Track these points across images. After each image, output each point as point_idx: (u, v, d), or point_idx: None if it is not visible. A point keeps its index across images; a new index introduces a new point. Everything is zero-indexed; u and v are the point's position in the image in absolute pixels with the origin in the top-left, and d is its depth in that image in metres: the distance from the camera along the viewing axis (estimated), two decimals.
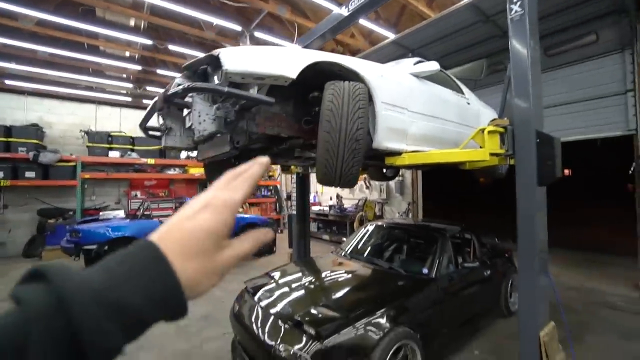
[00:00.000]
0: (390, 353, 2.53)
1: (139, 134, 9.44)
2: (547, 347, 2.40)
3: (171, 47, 7.73)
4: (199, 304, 4.99)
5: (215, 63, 1.86)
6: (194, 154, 3.30)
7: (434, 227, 4.16)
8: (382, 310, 2.71)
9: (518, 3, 2.42)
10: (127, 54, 8.07)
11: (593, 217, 8.09)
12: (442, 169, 4.21)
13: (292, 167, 4.67)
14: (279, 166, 7.31)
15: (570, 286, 5.51)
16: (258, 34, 7.05)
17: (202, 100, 1.99)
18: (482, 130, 2.60)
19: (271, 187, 12.15)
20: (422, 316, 2.96)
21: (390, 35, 6.39)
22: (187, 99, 1.96)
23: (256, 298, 3.18)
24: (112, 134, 9.44)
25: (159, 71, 9.29)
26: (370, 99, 2.34)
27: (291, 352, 2.42)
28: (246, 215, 8.40)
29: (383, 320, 2.64)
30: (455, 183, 9.16)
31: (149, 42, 7.46)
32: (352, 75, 2.35)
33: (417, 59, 3.39)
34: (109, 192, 9.49)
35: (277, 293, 3.23)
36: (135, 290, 0.34)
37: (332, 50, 8.36)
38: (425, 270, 3.42)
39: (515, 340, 2.61)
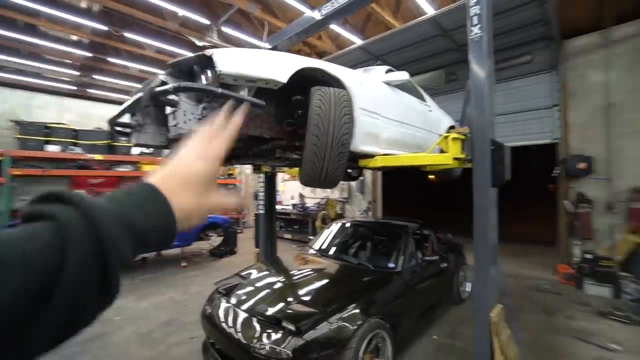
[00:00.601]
0: (365, 341, 2.71)
1: (84, 126, 8.62)
2: (496, 326, 2.76)
3: (128, 34, 7.11)
4: (161, 308, 4.76)
5: (205, 63, 1.85)
6: (150, 150, 3.15)
7: (396, 224, 4.47)
8: (356, 303, 2.88)
9: (478, 26, 2.74)
10: (74, 37, 7.24)
11: (524, 214, 9.30)
12: (401, 170, 4.54)
13: (262, 166, 4.65)
14: (242, 165, 7.19)
15: (507, 274, 6.26)
16: (226, 30, 6.81)
17: (188, 99, 1.96)
18: (447, 137, 2.90)
19: (231, 186, 11.81)
20: (391, 307, 3.19)
21: (357, 40, 6.65)
22: (173, 97, 1.92)
23: (230, 298, 3.16)
24: (50, 125, 8.41)
25: (111, 59, 8.48)
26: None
27: (271, 349, 2.48)
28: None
29: (357, 313, 2.81)
30: (413, 183, 9.82)
31: (102, 27, 6.78)
32: (333, 81, 2.47)
33: (387, 67, 3.62)
34: None
35: (251, 292, 3.24)
36: (142, 216, 0.43)
37: (299, 51, 8.41)
38: (391, 265, 3.68)
39: (467, 324, 2.97)
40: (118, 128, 2.70)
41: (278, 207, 10.84)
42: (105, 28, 6.85)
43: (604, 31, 5.88)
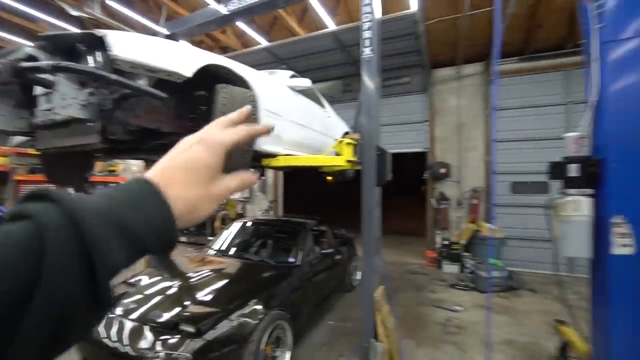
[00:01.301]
0: (267, 334, 2.82)
1: None
2: (379, 304, 3.28)
3: None
4: None
5: (94, 44, 1.64)
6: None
7: (296, 222, 4.74)
8: (257, 298, 2.97)
9: (369, 47, 3.19)
10: None
11: (403, 210, 11.08)
12: (301, 170, 4.86)
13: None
14: (131, 160, 6.33)
15: (389, 261, 7.35)
16: (112, 4, 5.80)
17: (69, 80, 1.70)
18: (341, 141, 3.28)
19: (112, 185, 10.09)
20: (291, 298, 3.40)
21: (263, 41, 6.70)
22: (47, 76, 1.63)
23: (116, 310, 2.81)
24: None
25: None
26: None
27: (166, 355, 2.35)
28: None
29: (259, 307, 2.90)
30: (312, 184, 10.44)
31: None
32: (238, 80, 2.50)
33: (291, 72, 3.83)
34: None
35: (141, 300, 2.96)
36: (137, 217, 0.36)
37: (200, 42, 7.88)
38: (292, 259, 3.90)
39: (357, 308, 3.40)
40: None
41: None
42: None
43: (457, 67, 7.56)
